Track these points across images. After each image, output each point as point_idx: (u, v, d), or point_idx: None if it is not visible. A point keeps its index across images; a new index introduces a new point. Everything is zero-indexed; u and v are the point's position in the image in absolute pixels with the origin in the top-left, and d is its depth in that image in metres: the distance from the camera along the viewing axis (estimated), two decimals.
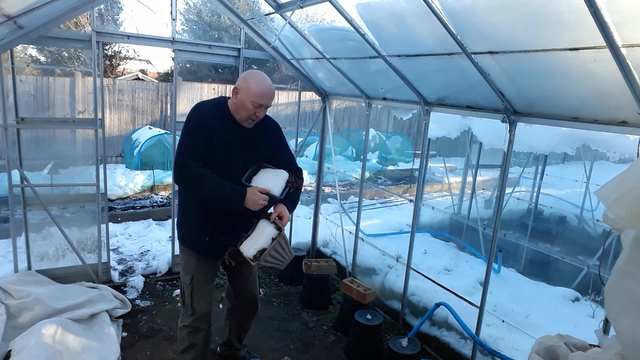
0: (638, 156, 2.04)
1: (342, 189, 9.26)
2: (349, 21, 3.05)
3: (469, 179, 7.11)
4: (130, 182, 7.83)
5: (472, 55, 2.47)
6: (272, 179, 2.35)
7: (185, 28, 16.47)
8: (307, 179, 8.84)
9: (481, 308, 3.04)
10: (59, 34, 3.51)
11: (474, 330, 3.06)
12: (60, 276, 3.83)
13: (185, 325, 2.63)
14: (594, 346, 1.90)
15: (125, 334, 3.46)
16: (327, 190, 9.05)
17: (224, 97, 2.44)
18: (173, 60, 4.18)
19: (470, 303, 3.21)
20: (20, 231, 3.83)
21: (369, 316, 3.39)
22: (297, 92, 5.30)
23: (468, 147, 6.70)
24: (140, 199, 7.70)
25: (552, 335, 2.00)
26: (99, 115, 3.72)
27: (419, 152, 4.64)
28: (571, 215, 7.23)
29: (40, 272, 3.76)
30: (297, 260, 4.06)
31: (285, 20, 3.70)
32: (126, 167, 9.40)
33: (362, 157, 5.58)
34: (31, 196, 3.66)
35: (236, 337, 3.04)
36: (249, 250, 2.27)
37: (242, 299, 2.86)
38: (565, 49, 1.99)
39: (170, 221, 4.92)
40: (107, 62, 14.64)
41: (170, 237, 4.90)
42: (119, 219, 6.33)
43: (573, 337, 1.98)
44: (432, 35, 2.60)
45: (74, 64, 12.95)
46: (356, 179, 8.35)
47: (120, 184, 7.70)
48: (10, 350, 2.81)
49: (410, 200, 6.36)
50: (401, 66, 3.19)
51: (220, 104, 2.39)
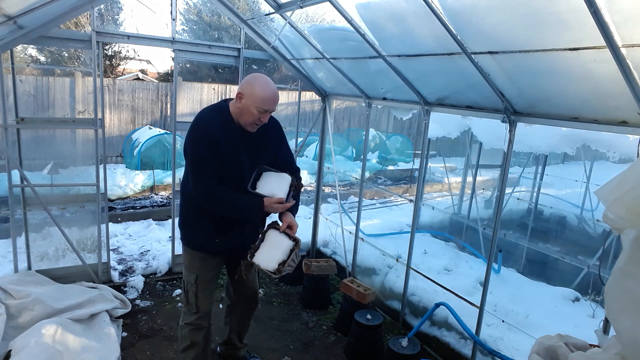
0: (638, 156, 2.04)
1: (342, 189, 9.26)
2: (349, 21, 3.05)
3: (469, 179, 7.11)
4: (130, 182, 7.83)
5: (472, 55, 2.47)
6: (277, 185, 2.39)
7: (185, 28, 16.47)
8: (307, 179, 8.84)
9: (481, 308, 3.04)
10: (59, 34, 3.51)
11: (474, 330, 3.06)
12: (60, 276, 3.83)
13: (187, 323, 2.65)
14: (594, 346, 1.90)
15: (125, 334, 3.46)
16: (327, 190, 9.05)
17: (225, 102, 2.41)
18: (173, 60, 4.18)
19: (470, 303, 3.21)
20: (20, 231, 3.82)
21: (369, 316, 3.39)
22: (297, 92, 5.30)
23: (468, 147, 6.70)
24: (140, 199, 7.70)
25: (552, 335, 2.00)
26: (99, 115, 3.72)
27: (419, 152, 4.64)
28: (571, 215, 7.23)
29: (40, 272, 3.76)
30: None
31: (285, 20, 3.70)
32: (126, 167, 9.40)
33: (362, 157, 5.59)
34: (31, 196, 3.66)
35: (237, 335, 3.05)
36: (268, 264, 2.29)
37: (242, 294, 2.88)
38: (565, 49, 1.99)
39: (170, 221, 4.91)
40: (107, 62, 14.64)
41: (170, 237, 4.89)
42: (119, 219, 6.33)
43: (573, 337, 1.98)
44: (432, 35, 2.60)
45: (74, 64, 12.95)
46: (356, 179, 8.35)
47: (120, 184, 7.70)
48: (10, 350, 2.81)
49: (410, 200, 6.35)
50: (401, 66, 3.19)
51: (221, 110, 2.37)
